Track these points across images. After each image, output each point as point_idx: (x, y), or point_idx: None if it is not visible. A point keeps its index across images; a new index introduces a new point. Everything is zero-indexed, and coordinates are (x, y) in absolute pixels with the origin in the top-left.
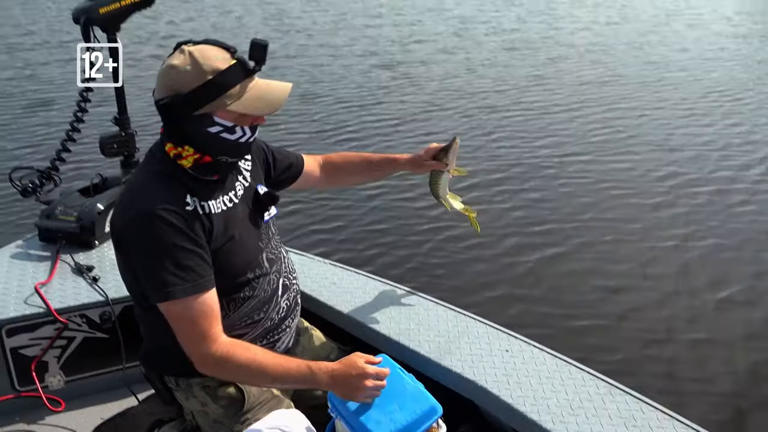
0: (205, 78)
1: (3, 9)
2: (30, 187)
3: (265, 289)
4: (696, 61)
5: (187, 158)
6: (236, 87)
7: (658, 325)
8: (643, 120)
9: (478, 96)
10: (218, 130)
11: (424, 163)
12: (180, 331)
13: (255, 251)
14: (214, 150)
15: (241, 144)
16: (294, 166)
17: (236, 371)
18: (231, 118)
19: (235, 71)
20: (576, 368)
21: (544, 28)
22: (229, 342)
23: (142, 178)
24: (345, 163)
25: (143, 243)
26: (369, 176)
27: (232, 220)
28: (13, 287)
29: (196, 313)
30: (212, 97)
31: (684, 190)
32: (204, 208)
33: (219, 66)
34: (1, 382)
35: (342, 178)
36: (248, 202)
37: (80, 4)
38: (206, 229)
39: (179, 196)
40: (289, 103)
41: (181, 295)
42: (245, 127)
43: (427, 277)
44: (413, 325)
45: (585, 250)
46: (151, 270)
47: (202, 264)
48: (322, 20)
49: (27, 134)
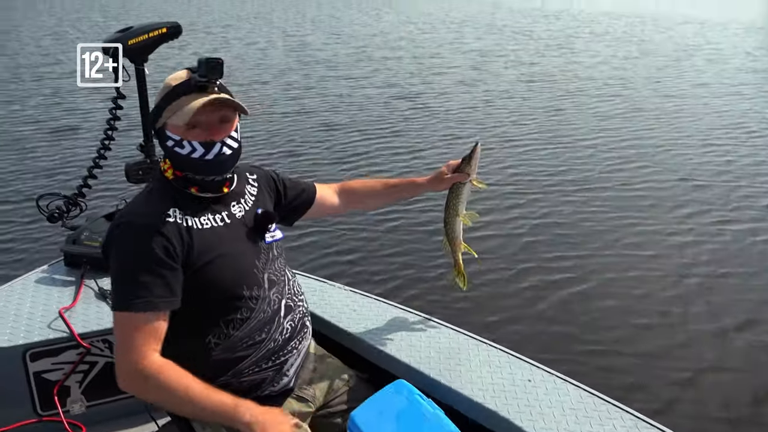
0: (162, 95)
1: (34, 39)
2: (56, 212)
3: (264, 309)
4: (716, 95)
5: (167, 170)
6: (179, 101)
7: (683, 359)
8: (664, 155)
9: (496, 128)
10: (171, 144)
11: (444, 177)
12: (117, 341)
13: (249, 269)
14: (176, 165)
15: (196, 161)
16: (306, 192)
17: (159, 390)
18: (178, 132)
19: (179, 88)
20: (600, 400)
21: (562, 62)
22: (162, 361)
23: (138, 195)
24: (364, 188)
25: (114, 251)
26: (389, 199)
27: (222, 237)
28: (38, 312)
29: (134, 328)
30: (160, 111)
31: (708, 227)
32: (187, 221)
33: (172, 84)
34: (24, 407)
35: (361, 202)
36: (247, 223)
37: (110, 36)
38: (185, 243)
39: (163, 209)
40: (310, 132)
41: (125, 308)
42: (194, 142)
43: (448, 305)
44: (433, 353)
45: (607, 283)
46: (112, 278)
47: (158, 284)
48: (343, 52)
49: (53, 160)
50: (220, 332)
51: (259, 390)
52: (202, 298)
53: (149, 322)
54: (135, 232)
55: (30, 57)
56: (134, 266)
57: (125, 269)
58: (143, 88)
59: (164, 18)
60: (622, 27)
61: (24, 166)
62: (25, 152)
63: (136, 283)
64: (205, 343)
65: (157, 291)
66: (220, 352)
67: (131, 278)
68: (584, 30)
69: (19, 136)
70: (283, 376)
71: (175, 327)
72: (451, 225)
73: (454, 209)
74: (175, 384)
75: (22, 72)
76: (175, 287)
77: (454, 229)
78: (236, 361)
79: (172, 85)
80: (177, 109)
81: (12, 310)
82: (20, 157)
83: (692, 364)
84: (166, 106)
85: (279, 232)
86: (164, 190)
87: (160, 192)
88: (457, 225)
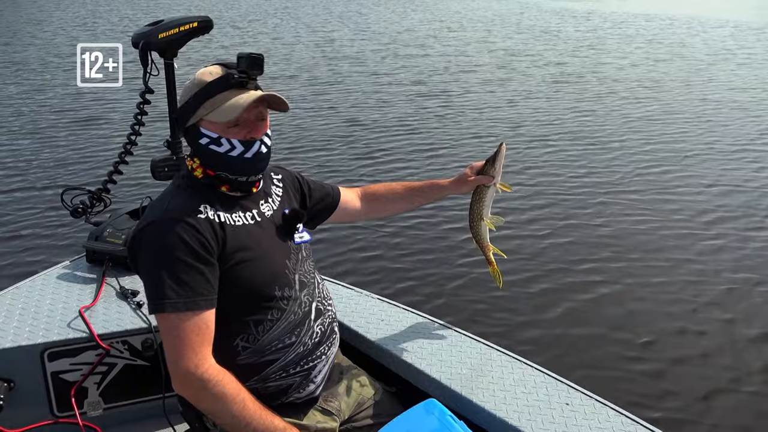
0: (194, 91)
1: (65, 30)
2: (80, 207)
3: (295, 311)
4: (749, 100)
5: (197, 170)
6: (217, 97)
7: (720, 375)
8: (693, 159)
9: (522, 127)
10: (206, 141)
11: (468, 179)
12: (168, 346)
13: (281, 268)
14: (210, 163)
15: (235, 159)
16: (330, 196)
17: (216, 399)
18: (215, 129)
19: (216, 83)
20: (644, 428)
21: (591, 62)
22: (219, 368)
23: (164, 192)
24: (387, 191)
25: (147, 251)
26: (412, 203)
27: (255, 234)
28: (57, 310)
29: (186, 330)
30: (194, 108)
31: (738, 233)
32: (220, 217)
33: (206, 79)
34: (41, 407)
35: (384, 206)
36: (276, 223)
37: (140, 29)
38: (219, 238)
39: (194, 205)
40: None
41: (171, 310)
42: (233, 140)
43: (481, 317)
44: (465, 369)
45: (654, 301)
46: (150, 279)
47: (200, 281)
48: (370, 49)
49: (79, 151)
50: (249, 334)
51: (284, 396)
52: (233, 298)
53: (199, 321)
54: (167, 229)
55: (60, 47)
56: (172, 264)
57: (163, 268)
58: (172, 83)
59: (192, 12)
60: (653, 29)
61: (49, 156)
62: (49, 143)
63: (177, 281)
64: (233, 346)
65: (200, 289)
66: (248, 356)
67: (171, 277)
68: (614, 31)
69: (45, 125)
70: (310, 382)
71: None
72: (476, 229)
73: (477, 213)
74: (232, 396)
75: (51, 62)
76: (215, 284)
77: (479, 233)
78: (264, 365)
79: (206, 80)
80: (216, 106)
81: (32, 307)
82: (44, 147)
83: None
84: (201, 102)
85: (307, 234)
86: (192, 188)
87: (188, 190)
88: (483, 229)
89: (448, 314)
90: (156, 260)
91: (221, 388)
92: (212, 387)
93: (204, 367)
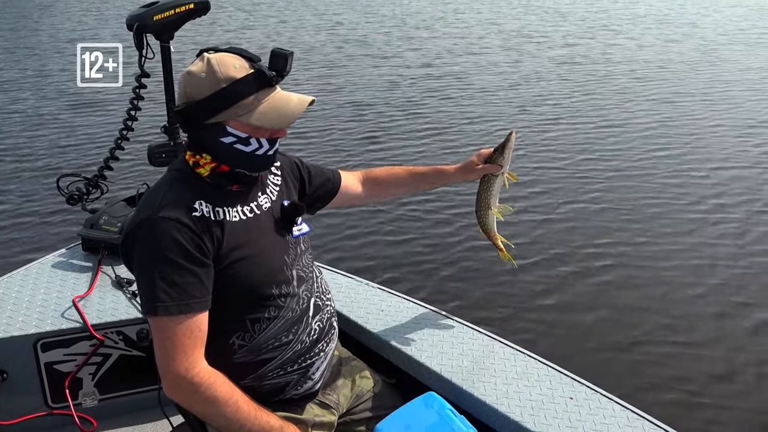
0: (218, 86)
1: (67, 12)
2: (76, 194)
3: (293, 308)
4: (762, 81)
5: (204, 166)
6: (250, 97)
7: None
8: (707, 140)
9: (528, 108)
10: (232, 140)
11: (475, 167)
12: (159, 349)
13: (279, 264)
14: (229, 161)
15: (259, 156)
16: (331, 181)
17: (208, 403)
18: (245, 129)
19: (250, 81)
20: (651, 424)
21: (602, 44)
22: (211, 371)
23: (156, 185)
24: (389, 175)
25: (140, 252)
26: (415, 188)
27: (253, 230)
28: (51, 299)
29: (177, 333)
30: (224, 106)
31: (742, 218)
32: (217, 214)
33: (234, 75)
34: (35, 399)
35: (386, 191)
36: (274, 215)
37: (134, 11)
38: (214, 237)
39: (188, 203)
40: (339, 110)
41: (163, 313)
42: (262, 139)
43: (483, 307)
44: (467, 362)
45: (666, 292)
46: (142, 280)
47: (194, 283)
48: (376, 31)
49: (76, 136)
50: (246, 333)
51: (281, 394)
52: (229, 296)
53: (192, 324)
54: (160, 229)
55: (62, 28)
56: (165, 266)
57: (155, 270)
58: (168, 66)
59: None
60: (665, 8)
61: (45, 143)
62: (45, 128)
63: (170, 283)
64: (228, 344)
65: (193, 291)
66: (244, 354)
67: (163, 279)
68: (625, 12)
69: (41, 111)
70: (308, 380)
71: None
72: (484, 219)
73: (485, 202)
74: (224, 399)
75: (45, 44)
76: (209, 285)
77: (486, 222)
78: (260, 363)
79: (234, 75)
80: (253, 108)
81: (26, 297)
82: (40, 133)
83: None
84: (235, 102)
85: (306, 225)
86: (188, 181)
87: (184, 183)
88: (490, 218)
89: (450, 304)
90: (148, 261)
91: (213, 392)
92: (203, 391)
93: (195, 371)
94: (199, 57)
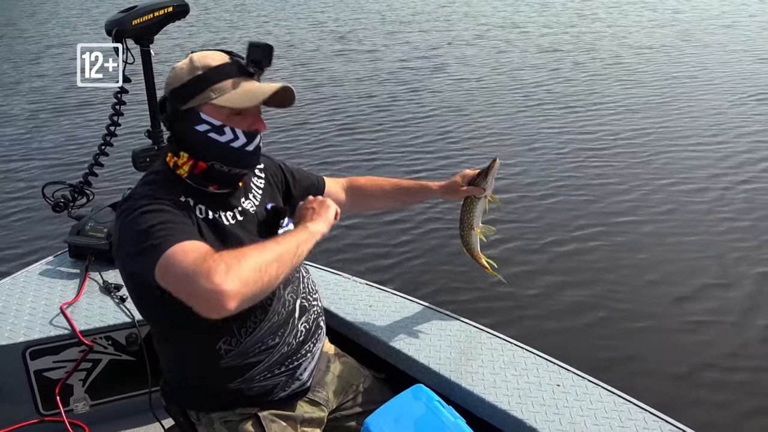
0: (195, 73)
1: (54, 11)
2: (62, 201)
3: (278, 311)
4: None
5: (182, 166)
6: (224, 82)
7: (734, 365)
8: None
9: (515, 96)
10: (206, 128)
11: (459, 189)
12: (181, 282)
13: None
14: (205, 153)
15: (235, 150)
16: (315, 186)
17: (250, 280)
18: (220, 117)
19: (225, 68)
20: (637, 407)
21: (600, 29)
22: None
23: (135, 189)
24: (373, 187)
25: (126, 231)
26: (398, 202)
27: (236, 237)
28: (39, 307)
29: (187, 255)
30: (198, 90)
31: (741, 202)
32: (201, 211)
33: (210, 63)
34: (26, 407)
35: (369, 203)
36: (258, 218)
37: (112, 17)
38: (196, 225)
39: (173, 194)
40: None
41: (166, 246)
42: (237, 130)
43: (470, 300)
44: (454, 354)
45: (645, 276)
46: (138, 248)
47: (186, 223)
48: (362, 27)
49: (61, 142)
50: (232, 337)
51: (270, 395)
52: None
53: (193, 245)
54: (146, 209)
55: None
56: (154, 225)
57: (145, 234)
58: (149, 70)
59: None
60: None
61: (30, 150)
62: (30, 136)
63: (161, 230)
64: (215, 349)
65: (184, 227)
66: (231, 359)
67: (155, 231)
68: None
69: (25, 118)
70: (296, 380)
71: (184, 331)
72: (467, 239)
73: (468, 223)
74: (255, 262)
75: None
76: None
77: (470, 242)
78: (248, 367)
79: (211, 64)
80: (227, 90)
81: (14, 305)
82: (25, 140)
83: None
84: (209, 86)
85: (292, 225)
86: (169, 181)
87: (163, 183)
88: (473, 239)
89: (437, 298)
90: (137, 231)
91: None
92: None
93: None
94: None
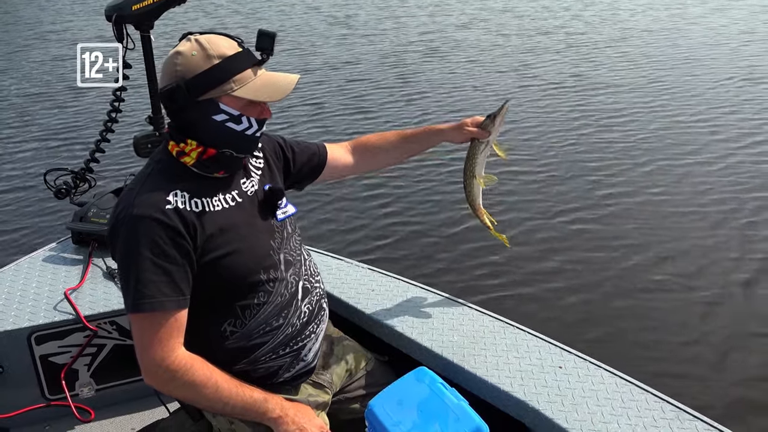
0: (211, 62)
1: (50, 3)
2: (64, 188)
3: (282, 293)
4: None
5: (190, 153)
6: (243, 73)
7: (730, 345)
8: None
9: (513, 76)
10: (224, 118)
11: (465, 128)
12: (136, 340)
13: (265, 250)
14: (218, 141)
15: (248, 137)
16: (317, 155)
17: (186, 388)
18: (237, 106)
19: (242, 58)
20: (638, 388)
21: (606, 12)
22: (189, 355)
23: (139, 174)
24: (379, 139)
25: (119, 249)
26: (407, 151)
27: (236, 219)
28: (44, 293)
29: (150, 327)
30: (219, 81)
31: (745, 186)
32: (195, 205)
33: (226, 52)
34: (32, 391)
35: (376, 157)
36: (258, 199)
37: (112, 1)
38: (191, 229)
39: (163, 195)
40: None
41: (137, 310)
42: (252, 118)
43: (472, 283)
44: (457, 336)
45: (648, 260)
46: (121, 277)
47: (167, 282)
48: (364, 12)
49: (64, 129)
50: (237, 319)
51: (275, 377)
52: (218, 286)
53: (165, 320)
54: (135, 227)
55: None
56: (140, 264)
57: (131, 268)
58: (150, 56)
59: None
60: None
61: (31, 138)
62: (31, 123)
63: (144, 282)
64: (220, 332)
65: (166, 289)
66: (236, 340)
67: (137, 277)
68: None
69: (27, 106)
70: (300, 361)
71: (189, 315)
72: (469, 189)
73: (470, 171)
74: (203, 381)
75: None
76: (182, 285)
77: (472, 192)
78: (252, 348)
79: (227, 53)
80: (246, 81)
81: (18, 291)
82: (26, 128)
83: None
84: (230, 76)
85: (291, 207)
86: (168, 172)
87: (162, 174)
88: (475, 188)
89: (440, 282)
90: (125, 260)
91: (190, 377)
92: (181, 376)
93: (171, 359)
94: (185, 39)
